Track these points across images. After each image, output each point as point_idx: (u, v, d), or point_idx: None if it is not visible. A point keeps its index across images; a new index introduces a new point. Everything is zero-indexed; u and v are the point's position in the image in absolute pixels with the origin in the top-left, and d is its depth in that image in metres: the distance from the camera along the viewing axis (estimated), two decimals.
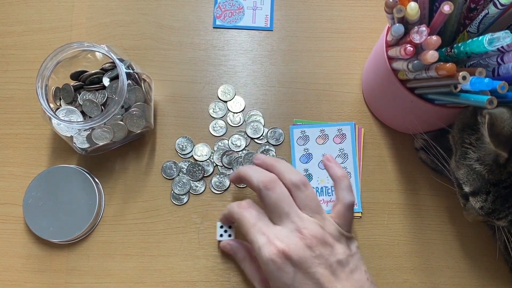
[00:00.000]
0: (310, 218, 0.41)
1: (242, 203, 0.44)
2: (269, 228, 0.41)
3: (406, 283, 0.50)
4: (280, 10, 0.57)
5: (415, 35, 0.37)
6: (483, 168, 0.39)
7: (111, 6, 0.57)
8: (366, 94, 0.54)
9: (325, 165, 0.47)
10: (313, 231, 0.40)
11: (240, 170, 0.45)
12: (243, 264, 0.47)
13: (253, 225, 0.41)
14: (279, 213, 0.41)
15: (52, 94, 0.50)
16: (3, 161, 0.53)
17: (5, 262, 0.51)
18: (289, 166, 0.44)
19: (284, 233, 0.40)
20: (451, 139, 0.44)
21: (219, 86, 0.55)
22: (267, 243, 0.40)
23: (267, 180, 0.42)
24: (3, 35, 0.56)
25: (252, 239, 0.41)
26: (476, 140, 0.39)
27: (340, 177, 0.45)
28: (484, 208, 0.40)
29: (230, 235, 0.49)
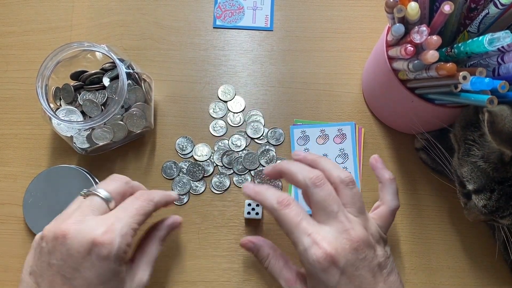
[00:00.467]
0: (355, 219, 0.40)
1: (282, 200, 0.40)
2: (315, 228, 0.38)
3: (406, 283, 0.50)
4: (280, 10, 0.57)
5: (415, 35, 0.37)
6: (488, 165, 0.39)
7: (111, 6, 0.57)
8: (366, 94, 0.54)
9: (373, 165, 0.47)
10: (360, 233, 0.38)
11: (282, 165, 0.43)
12: (267, 261, 0.44)
13: (296, 225, 0.38)
14: (327, 212, 0.39)
15: (52, 94, 0.49)
16: (3, 161, 0.53)
17: (5, 262, 0.51)
18: (334, 163, 0.43)
19: (332, 235, 0.38)
20: (452, 137, 0.44)
21: (219, 86, 0.55)
22: (313, 245, 0.37)
23: (314, 176, 0.40)
24: (3, 35, 0.56)
25: (296, 240, 0.38)
26: (479, 137, 0.39)
27: (389, 180, 0.45)
28: (487, 207, 0.40)
29: (258, 213, 0.50)
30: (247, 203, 0.50)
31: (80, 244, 0.36)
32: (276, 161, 0.53)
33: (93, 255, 0.36)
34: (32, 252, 0.39)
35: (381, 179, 0.45)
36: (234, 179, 0.52)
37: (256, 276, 0.50)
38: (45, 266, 0.37)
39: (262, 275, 0.50)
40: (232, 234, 0.51)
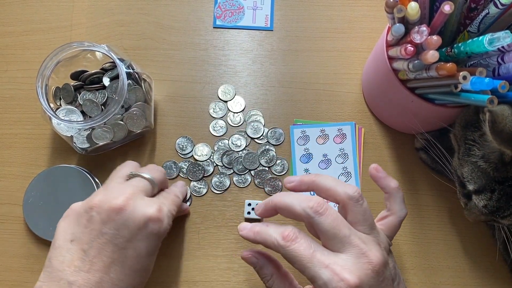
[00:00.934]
0: (369, 237, 0.37)
1: (287, 234, 0.36)
2: (331, 258, 0.35)
3: (406, 283, 0.50)
4: (280, 10, 0.57)
5: (415, 35, 0.37)
6: (488, 165, 0.39)
7: (111, 6, 0.57)
8: (366, 94, 0.54)
9: (374, 176, 0.43)
10: (378, 254, 0.36)
11: (274, 200, 0.39)
12: (270, 281, 0.41)
13: (310, 259, 0.35)
14: (340, 239, 0.36)
15: (52, 94, 0.49)
16: (3, 161, 0.53)
17: (5, 262, 0.51)
18: (335, 178, 0.39)
19: (351, 262, 0.35)
20: (453, 137, 0.44)
21: (219, 86, 0.55)
22: (334, 277, 0.34)
23: (315, 204, 0.36)
24: (3, 35, 0.56)
25: (313, 275, 0.35)
26: (480, 137, 0.39)
27: (396, 189, 0.42)
28: (488, 207, 0.40)
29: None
30: (247, 203, 0.50)
31: (137, 218, 0.39)
32: (276, 161, 0.53)
33: (147, 229, 0.39)
34: (72, 220, 0.40)
35: (387, 189, 0.42)
36: (234, 179, 0.52)
37: (256, 276, 0.50)
38: (95, 234, 0.38)
39: None
40: (232, 234, 0.51)
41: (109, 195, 0.40)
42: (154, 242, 0.40)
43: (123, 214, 0.38)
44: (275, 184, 0.52)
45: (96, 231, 0.38)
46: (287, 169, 0.53)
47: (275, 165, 0.53)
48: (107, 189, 0.41)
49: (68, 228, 0.39)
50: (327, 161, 0.53)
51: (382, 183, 0.43)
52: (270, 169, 0.53)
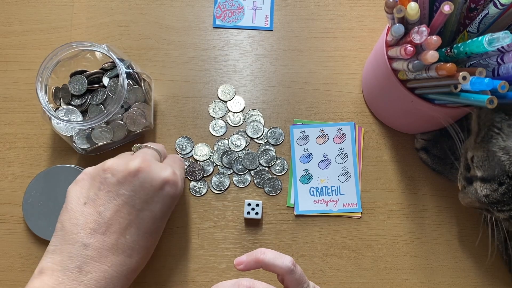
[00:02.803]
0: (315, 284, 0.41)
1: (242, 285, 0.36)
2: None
3: (406, 283, 0.50)
4: (280, 10, 0.57)
5: (415, 35, 0.37)
6: (508, 159, 0.37)
7: (111, 6, 0.57)
8: (366, 94, 0.54)
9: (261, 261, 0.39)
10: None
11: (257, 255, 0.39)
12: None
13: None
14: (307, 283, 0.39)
15: (52, 94, 0.49)
16: (3, 161, 0.53)
17: (5, 262, 0.51)
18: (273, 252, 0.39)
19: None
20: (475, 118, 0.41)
21: (219, 86, 0.55)
22: None
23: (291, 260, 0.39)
24: (3, 35, 0.56)
25: None
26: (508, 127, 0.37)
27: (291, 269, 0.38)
28: (489, 197, 0.39)
29: (258, 213, 0.50)
30: (247, 203, 0.50)
31: (154, 180, 0.39)
32: (276, 161, 0.53)
33: (164, 191, 0.40)
34: (86, 183, 0.40)
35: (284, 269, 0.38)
36: (234, 179, 0.52)
37: (256, 277, 0.50)
38: (111, 195, 0.38)
39: (261, 275, 0.50)
40: (232, 234, 0.51)
41: (123, 160, 0.40)
42: (169, 205, 0.41)
43: (140, 176, 0.39)
44: (274, 184, 0.52)
45: (112, 192, 0.38)
46: (286, 169, 0.53)
47: (274, 165, 0.53)
48: (118, 157, 0.41)
49: (81, 191, 0.39)
50: (327, 161, 0.53)
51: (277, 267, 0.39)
52: (270, 169, 0.53)
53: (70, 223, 0.37)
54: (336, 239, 0.51)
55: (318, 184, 0.52)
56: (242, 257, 0.40)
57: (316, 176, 0.52)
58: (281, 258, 0.38)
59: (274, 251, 0.39)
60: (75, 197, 0.39)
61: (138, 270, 0.41)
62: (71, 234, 0.37)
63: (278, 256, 0.39)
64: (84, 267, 0.36)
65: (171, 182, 0.41)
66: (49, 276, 0.36)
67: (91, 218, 0.37)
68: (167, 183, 0.40)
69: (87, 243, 0.37)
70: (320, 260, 0.51)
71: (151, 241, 0.41)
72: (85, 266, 0.36)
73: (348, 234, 0.51)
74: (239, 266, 0.40)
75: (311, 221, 0.52)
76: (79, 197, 0.39)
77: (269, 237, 0.51)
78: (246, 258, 0.40)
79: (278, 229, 0.51)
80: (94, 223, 0.37)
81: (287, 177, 0.53)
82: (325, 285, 0.50)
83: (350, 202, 0.52)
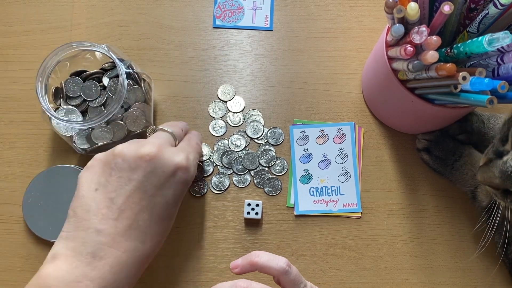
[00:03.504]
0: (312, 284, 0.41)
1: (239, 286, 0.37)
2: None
3: (406, 283, 0.50)
4: (280, 10, 0.57)
5: (415, 35, 0.37)
6: None
7: (111, 6, 0.57)
8: (366, 94, 0.54)
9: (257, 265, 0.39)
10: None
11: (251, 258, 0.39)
12: None
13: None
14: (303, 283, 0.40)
15: (52, 94, 0.49)
16: (3, 161, 0.53)
17: (5, 262, 0.51)
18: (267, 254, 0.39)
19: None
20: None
21: (219, 86, 0.55)
22: None
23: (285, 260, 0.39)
24: (3, 35, 0.56)
25: None
26: None
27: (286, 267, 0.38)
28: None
29: (258, 213, 0.50)
30: (247, 203, 0.50)
31: (166, 165, 0.39)
32: (275, 162, 0.53)
33: (176, 177, 0.40)
34: (97, 169, 0.39)
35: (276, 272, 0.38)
36: (234, 179, 0.52)
37: (255, 276, 0.50)
38: (123, 181, 0.38)
39: (261, 275, 0.50)
40: (232, 234, 0.51)
41: (134, 145, 0.40)
42: (181, 190, 0.41)
43: (152, 162, 0.39)
44: (274, 184, 0.52)
45: (124, 178, 0.38)
46: (286, 169, 0.53)
47: (274, 165, 0.53)
48: (130, 142, 0.41)
49: (92, 177, 0.39)
50: (327, 161, 0.53)
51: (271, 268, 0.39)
52: (270, 169, 0.53)
53: (82, 209, 0.37)
54: (336, 239, 0.51)
55: (318, 184, 0.52)
56: (237, 261, 0.40)
57: (316, 176, 0.52)
58: (275, 260, 0.38)
59: (268, 253, 0.39)
60: (86, 184, 0.38)
61: (151, 256, 0.41)
62: (83, 221, 0.37)
63: (273, 258, 0.39)
64: (98, 253, 0.36)
65: (183, 168, 0.40)
66: (62, 261, 0.36)
67: (102, 204, 0.37)
68: (178, 169, 0.40)
69: (100, 229, 0.37)
70: (320, 260, 0.51)
71: (164, 226, 0.41)
72: (98, 251, 0.36)
73: (348, 234, 0.51)
74: (234, 269, 0.40)
75: (311, 221, 0.52)
76: (90, 183, 0.38)
77: (269, 237, 0.51)
78: (241, 261, 0.39)
79: (278, 229, 0.51)
80: (106, 209, 0.37)
81: (287, 177, 0.53)
82: (325, 285, 0.50)
83: (350, 202, 0.52)
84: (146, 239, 0.39)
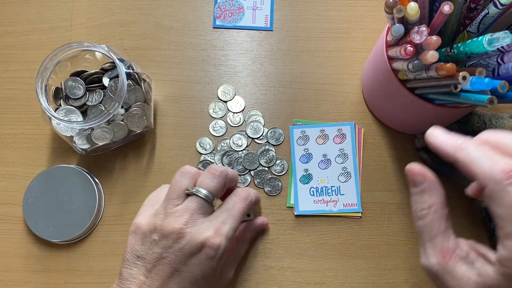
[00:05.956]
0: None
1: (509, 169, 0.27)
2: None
3: (406, 283, 0.50)
4: (280, 10, 0.57)
5: (415, 35, 0.37)
6: None
7: (111, 6, 0.57)
8: (366, 94, 0.54)
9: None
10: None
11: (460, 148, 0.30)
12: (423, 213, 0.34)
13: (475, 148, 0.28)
14: None
15: (52, 94, 0.49)
16: (3, 161, 0.53)
17: (5, 262, 0.51)
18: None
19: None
20: None
21: (219, 86, 0.55)
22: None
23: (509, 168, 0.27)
24: (3, 35, 0.56)
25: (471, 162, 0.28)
26: None
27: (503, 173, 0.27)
28: None
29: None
30: None
31: (194, 244, 0.40)
32: (276, 162, 0.53)
33: (202, 254, 0.40)
34: (138, 239, 0.41)
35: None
36: None
37: (255, 276, 0.50)
38: (157, 256, 0.40)
39: (261, 275, 0.50)
40: None
41: (169, 219, 0.41)
42: (210, 266, 0.41)
43: (180, 241, 0.40)
44: (274, 184, 0.52)
45: (157, 254, 0.40)
46: (286, 169, 0.53)
47: (274, 165, 0.53)
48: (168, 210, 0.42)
49: (135, 245, 0.41)
50: (327, 161, 0.53)
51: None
52: (270, 169, 0.53)
53: (126, 271, 0.41)
54: (336, 239, 0.51)
55: (318, 184, 0.52)
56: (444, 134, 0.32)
57: (316, 176, 0.52)
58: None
59: None
60: (131, 249, 0.41)
61: None
62: (126, 281, 0.40)
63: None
64: None
65: (209, 246, 0.40)
66: None
67: (141, 272, 0.40)
68: (205, 246, 0.40)
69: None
70: (320, 260, 0.51)
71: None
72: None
73: (348, 234, 0.51)
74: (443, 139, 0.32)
75: (311, 221, 0.52)
76: (133, 249, 0.41)
77: (269, 237, 0.51)
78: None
79: (278, 229, 0.51)
80: (143, 276, 0.40)
81: (287, 177, 0.53)
82: (325, 285, 0.50)
83: (350, 202, 0.52)
84: None
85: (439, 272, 0.33)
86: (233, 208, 0.44)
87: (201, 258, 0.40)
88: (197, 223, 0.41)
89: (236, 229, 0.43)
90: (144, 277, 0.40)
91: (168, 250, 0.40)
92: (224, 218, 0.42)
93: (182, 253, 0.40)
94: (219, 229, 0.41)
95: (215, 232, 0.41)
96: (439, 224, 0.33)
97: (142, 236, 0.42)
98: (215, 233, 0.41)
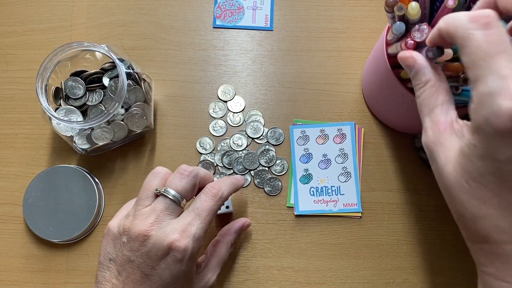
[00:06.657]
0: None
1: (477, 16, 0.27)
2: None
3: (406, 283, 0.50)
4: (280, 10, 0.57)
5: (416, 33, 0.37)
6: None
7: (111, 6, 0.57)
8: (366, 94, 0.54)
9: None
10: None
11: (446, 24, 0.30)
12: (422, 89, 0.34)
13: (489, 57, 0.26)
14: None
15: (52, 94, 0.49)
16: (3, 161, 0.53)
17: (5, 262, 0.51)
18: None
19: None
20: None
21: (219, 86, 0.55)
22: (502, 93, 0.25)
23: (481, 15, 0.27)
24: (3, 35, 0.56)
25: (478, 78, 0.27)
26: None
27: None
28: None
29: (228, 207, 0.49)
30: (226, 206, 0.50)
31: (159, 248, 0.39)
32: (276, 161, 0.53)
33: (169, 258, 0.39)
34: (110, 241, 0.41)
35: None
36: None
37: (255, 276, 0.50)
38: (126, 259, 0.40)
39: (261, 275, 0.50)
40: None
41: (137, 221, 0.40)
42: (180, 269, 0.40)
43: (147, 244, 0.39)
44: (274, 184, 0.52)
45: (126, 256, 0.40)
46: (286, 169, 0.53)
47: (274, 165, 0.53)
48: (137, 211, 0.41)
49: (107, 247, 0.41)
50: (327, 161, 0.53)
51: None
52: (270, 169, 0.53)
53: (100, 274, 0.41)
54: (336, 239, 0.51)
55: (318, 184, 0.52)
56: None
57: (316, 176, 0.52)
58: None
59: None
60: (103, 251, 0.41)
61: None
62: (100, 284, 0.40)
63: None
64: None
65: (175, 248, 0.39)
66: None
67: (113, 274, 0.40)
68: (171, 249, 0.39)
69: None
70: (320, 260, 0.51)
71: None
72: None
73: (348, 234, 0.51)
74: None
75: (311, 221, 0.52)
76: (105, 252, 0.41)
77: (269, 237, 0.51)
78: None
79: (278, 229, 0.51)
80: (115, 279, 0.40)
81: (287, 177, 0.53)
82: (325, 285, 0.50)
83: (350, 202, 0.52)
84: None
85: (433, 145, 0.32)
86: (201, 207, 0.42)
87: (169, 262, 0.39)
88: (162, 224, 0.40)
89: (205, 228, 0.41)
90: (116, 280, 0.40)
91: (136, 253, 0.39)
92: (191, 218, 0.41)
93: (149, 256, 0.39)
94: (186, 230, 0.40)
95: (180, 234, 0.40)
96: (436, 97, 0.33)
97: (113, 238, 0.41)
98: (180, 235, 0.39)
